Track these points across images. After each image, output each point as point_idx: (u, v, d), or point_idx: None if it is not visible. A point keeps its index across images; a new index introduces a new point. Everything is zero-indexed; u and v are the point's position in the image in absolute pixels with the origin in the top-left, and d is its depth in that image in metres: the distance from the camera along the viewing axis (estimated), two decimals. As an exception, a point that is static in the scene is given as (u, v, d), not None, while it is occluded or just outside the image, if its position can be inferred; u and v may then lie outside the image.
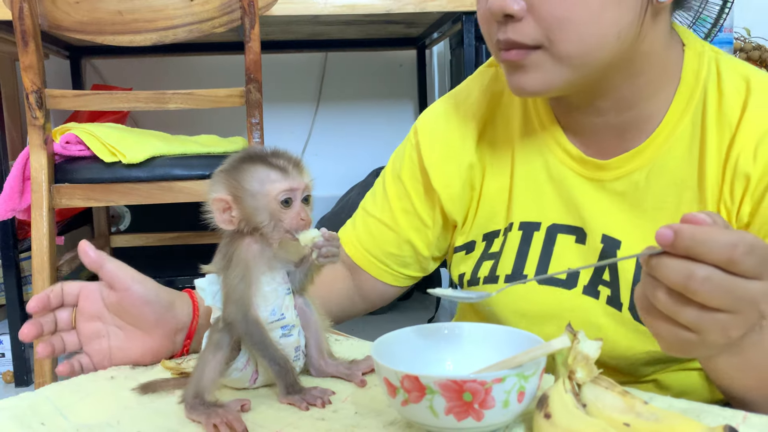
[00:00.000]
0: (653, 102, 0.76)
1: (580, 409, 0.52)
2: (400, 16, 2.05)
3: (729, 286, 0.50)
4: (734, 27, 2.13)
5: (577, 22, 0.68)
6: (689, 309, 0.51)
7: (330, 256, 0.65)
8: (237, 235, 0.65)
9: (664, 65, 0.75)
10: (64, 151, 1.69)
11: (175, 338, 0.76)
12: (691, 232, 0.50)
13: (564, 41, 0.69)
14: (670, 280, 0.51)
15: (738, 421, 0.56)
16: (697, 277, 0.50)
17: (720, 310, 0.51)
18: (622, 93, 0.75)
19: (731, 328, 0.52)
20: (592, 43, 0.69)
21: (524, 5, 0.68)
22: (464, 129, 0.86)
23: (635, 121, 0.77)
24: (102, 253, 0.73)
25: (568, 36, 0.69)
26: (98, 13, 1.60)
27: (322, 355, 0.70)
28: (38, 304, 0.73)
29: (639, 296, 0.55)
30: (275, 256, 0.65)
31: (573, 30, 0.68)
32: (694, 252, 0.50)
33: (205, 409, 0.61)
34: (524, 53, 0.70)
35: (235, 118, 2.38)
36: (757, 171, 0.71)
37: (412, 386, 0.52)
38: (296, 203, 0.64)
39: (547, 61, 0.70)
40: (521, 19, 0.69)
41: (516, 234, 0.82)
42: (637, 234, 0.77)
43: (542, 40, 0.69)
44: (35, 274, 1.63)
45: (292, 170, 0.64)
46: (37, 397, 0.68)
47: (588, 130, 0.79)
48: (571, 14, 0.68)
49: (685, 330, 0.52)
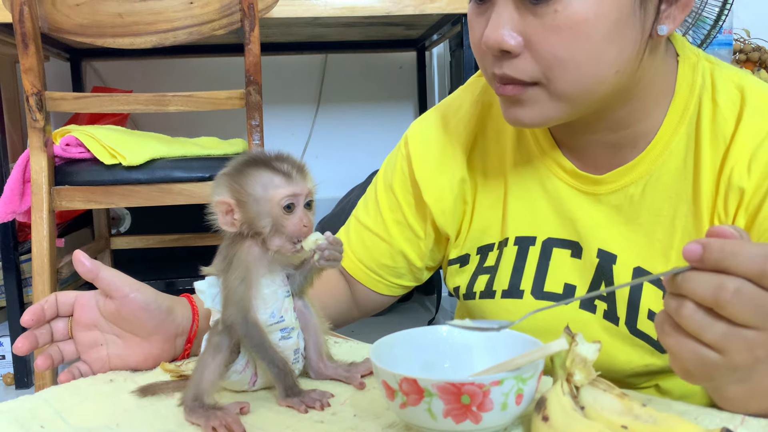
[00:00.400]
0: (649, 120, 0.75)
1: (578, 412, 0.52)
2: (400, 18, 2.05)
3: (760, 301, 0.49)
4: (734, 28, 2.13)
5: (577, 63, 0.66)
6: (718, 324, 0.50)
7: (332, 260, 0.66)
8: (238, 238, 0.65)
9: (659, 85, 0.75)
10: (64, 154, 1.70)
11: (176, 343, 0.76)
12: (720, 245, 0.49)
13: (562, 80, 0.67)
14: (699, 294, 0.50)
15: (736, 423, 0.56)
16: (728, 288, 0.48)
17: (748, 327, 0.50)
18: (617, 115, 0.74)
19: (758, 346, 0.50)
20: (591, 81, 0.68)
21: (521, 41, 0.66)
22: (455, 142, 0.85)
23: (631, 138, 0.76)
24: (97, 262, 0.73)
25: (567, 76, 0.67)
26: (98, 16, 1.60)
27: (321, 358, 0.70)
28: (32, 317, 0.72)
29: (661, 319, 0.53)
30: (275, 259, 0.66)
31: (572, 70, 0.67)
32: (723, 265, 0.49)
33: (204, 412, 0.61)
34: (521, 89, 0.69)
35: (235, 120, 2.38)
36: (752, 184, 0.70)
37: (410, 389, 0.52)
38: (299, 209, 0.64)
39: (544, 97, 0.69)
40: (518, 55, 0.67)
41: (512, 249, 0.82)
42: (632, 248, 0.76)
43: (539, 77, 0.68)
44: (35, 276, 1.63)
45: (295, 175, 0.64)
46: (37, 400, 0.68)
47: (582, 147, 0.79)
48: (572, 55, 0.66)
49: (710, 350, 0.51)
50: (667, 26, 0.68)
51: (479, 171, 0.85)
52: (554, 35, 0.65)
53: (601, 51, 0.66)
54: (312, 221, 0.65)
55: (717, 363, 0.51)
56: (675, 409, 0.58)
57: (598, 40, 0.66)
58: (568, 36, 0.65)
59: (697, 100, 0.75)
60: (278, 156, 0.65)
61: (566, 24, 0.65)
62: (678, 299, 0.51)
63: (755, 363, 0.51)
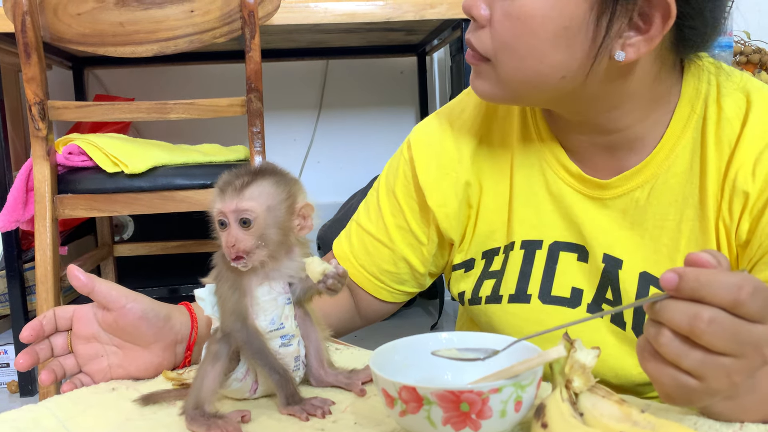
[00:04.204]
0: (640, 126, 0.75)
1: (577, 418, 0.52)
2: (400, 24, 2.05)
3: (734, 329, 0.50)
4: (734, 30, 2.13)
5: (520, 54, 0.70)
6: (694, 352, 0.50)
7: (333, 290, 0.65)
8: None
9: (651, 96, 0.74)
10: (66, 162, 1.70)
11: (176, 350, 0.76)
12: (696, 274, 0.50)
13: (506, 65, 0.71)
14: (675, 323, 0.50)
15: (735, 428, 0.56)
16: (703, 318, 0.49)
17: (724, 354, 0.50)
18: (599, 120, 0.75)
19: (735, 373, 0.51)
20: (532, 76, 0.71)
21: (488, 15, 0.70)
22: (459, 145, 0.85)
23: (624, 142, 0.76)
24: (92, 276, 0.73)
25: (510, 63, 0.71)
26: (100, 25, 1.61)
27: (321, 365, 0.70)
28: (32, 333, 0.72)
29: (641, 346, 0.54)
30: (273, 274, 0.65)
31: (515, 59, 0.70)
32: (699, 294, 0.50)
33: (205, 421, 0.61)
34: (477, 60, 0.73)
35: (236, 127, 2.39)
36: (756, 188, 0.70)
37: (409, 397, 0.52)
38: (231, 226, 0.62)
39: (492, 76, 0.73)
40: (483, 27, 0.71)
41: (518, 253, 0.81)
42: (638, 253, 0.77)
43: (491, 54, 0.71)
44: (39, 284, 1.64)
45: (230, 191, 0.62)
46: (40, 409, 0.68)
47: (579, 147, 0.79)
48: (516, 45, 0.69)
49: (689, 376, 0.51)
50: (625, 53, 0.68)
51: (484, 174, 0.84)
52: (507, 21, 0.69)
53: (545, 51, 0.69)
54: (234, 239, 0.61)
55: (695, 389, 0.51)
56: (673, 416, 0.58)
57: (542, 39, 0.68)
58: (517, 26, 0.69)
59: (702, 104, 0.75)
60: (241, 169, 0.64)
61: (516, 14, 0.68)
62: (656, 326, 0.52)
63: (733, 387, 0.52)
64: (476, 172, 0.85)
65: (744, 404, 0.55)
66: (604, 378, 0.53)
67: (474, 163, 0.84)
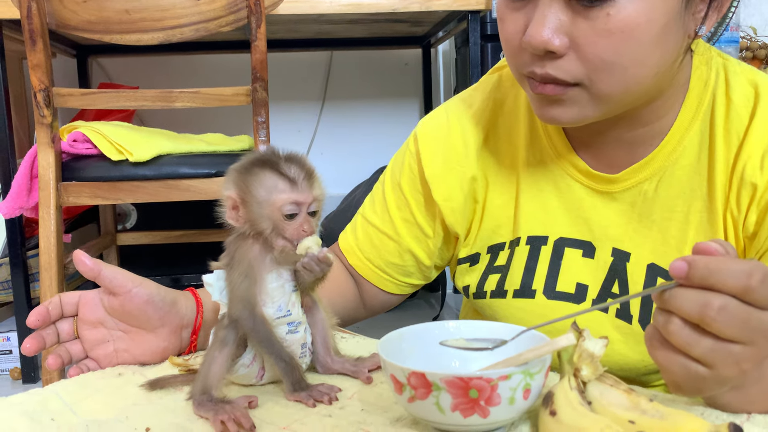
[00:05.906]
0: (667, 117, 0.75)
1: (585, 407, 0.52)
2: (406, 15, 2.05)
3: (745, 316, 0.50)
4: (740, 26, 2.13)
5: (624, 66, 0.66)
6: (704, 340, 0.50)
7: (308, 270, 0.65)
8: (243, 234, 0.65)
9: (678, 82, 0.74)
10: (71, 150, 1.70)
11: (182, 335, 0.76)
12: (705, 262, 0.50)
13: (606, 82, 0.67)
14: (685, 311, 0.50)
15: (743, 419, 0.56)
16: (713, 305, 0.49)
17: (734, 341, 0.50)
18: (640, 113, 0.74)
19: (744, 360, 0.51)
20: (632, 83, 0.67)
21: (567, 42, 0.65)
22: (466, 140, 0.84)
23: (648, 135, 0.76)
24: (97, 261, 0.73)
25: (612, 78, 0.67)
26: (106, 12, 1.61)
27: (328, 352, 0.70)
28: (38, 318, 0.72)
29: (650, 334, 0.54)
30: (278, 258, 0.65)
31: (618, 73, 0.66)
32: (709, 282, 0.50)
33: (213, 406, 0.61)
34: (562, 89, 0.68)
35: (241, 117, 2.39)
36: (764, 180, 0.70)
37: (418, 383, 0.53)
38: (301, 216, 0.63)
39: (584, 98, 0.69)
40: (562, 56, 0.66)
41: (523, 248, 0.81)
42: (646, 245, 0.77)
43: (583, 78, 0.67)
44: (42, 272, 1.64)
45: (301, 182, 0.63)
46: (47, 393, 0.68)
47: (598, 144, 0.78)
48: (620, 58, 0.65)
49: (698, 364, 0.51)
50: (705, 27, 0.68)
51: (490, 169, 0.84)
52: (604, 39, 0.64)
53: (648, 54, 0.66)
54: (313, 227, 0.64)
55: (705, 377, 0.52)
56: (680, 407, 0.58)
57: (646, 43, 0.65)
58: (619, 40, 0.64)
59: (710, 96, 0.75)
60: (289, 157, 0.64)
61: (618, 28, 0.64)
62: (666, 315, 0.52)
63: (742, 375, 0.52)
64: (482, 168, 0.84)
65: (751, 395, 0.55)
66: (610, 372, 0.53)
67: (480, 158, 0.84)
